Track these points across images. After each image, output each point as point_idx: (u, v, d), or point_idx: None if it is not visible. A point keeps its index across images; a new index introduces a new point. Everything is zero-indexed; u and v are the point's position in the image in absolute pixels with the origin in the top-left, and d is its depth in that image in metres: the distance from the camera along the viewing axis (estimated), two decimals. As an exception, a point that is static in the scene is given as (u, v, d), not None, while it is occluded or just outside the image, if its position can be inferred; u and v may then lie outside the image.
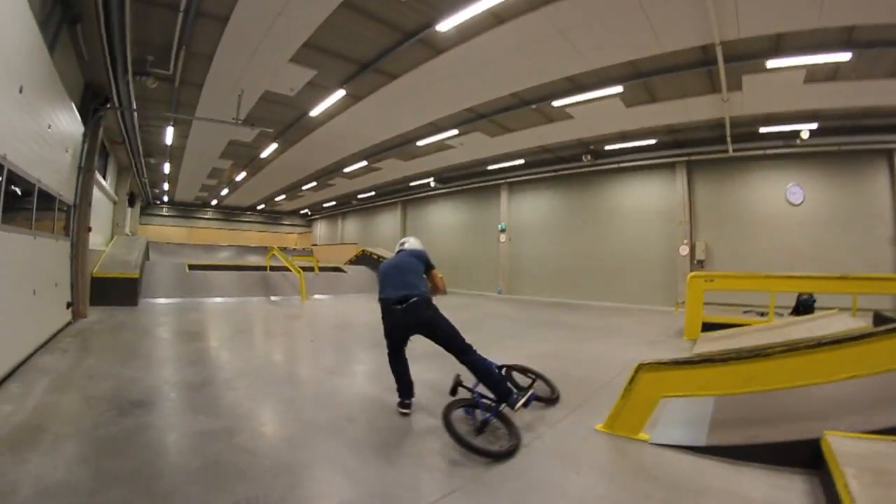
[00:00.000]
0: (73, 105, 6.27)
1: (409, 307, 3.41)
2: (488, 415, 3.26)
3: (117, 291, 8.43)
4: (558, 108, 9.61)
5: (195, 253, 21.01)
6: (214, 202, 27.65)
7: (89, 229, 7.11)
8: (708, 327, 6.86)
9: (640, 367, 3.20)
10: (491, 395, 3.40)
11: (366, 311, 10.52)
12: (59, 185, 5.87)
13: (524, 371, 4.12)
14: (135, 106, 8.52)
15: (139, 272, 9.17)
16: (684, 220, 11.95)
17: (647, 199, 12.89)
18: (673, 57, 7.39)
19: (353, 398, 4.00)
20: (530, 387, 3.64)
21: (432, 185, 18.10)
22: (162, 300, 9.80)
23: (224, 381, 4.33)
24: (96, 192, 10.32)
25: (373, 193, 22.16)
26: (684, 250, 11.81)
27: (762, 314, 7.91)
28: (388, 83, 8.75)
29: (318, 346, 6.34)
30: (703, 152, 11.45)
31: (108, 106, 7.62)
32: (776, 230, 10.91)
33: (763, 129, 10.28)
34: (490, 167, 15.47)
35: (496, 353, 5.74)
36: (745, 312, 8.65)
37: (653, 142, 11.71)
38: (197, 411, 3.50)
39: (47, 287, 5.39)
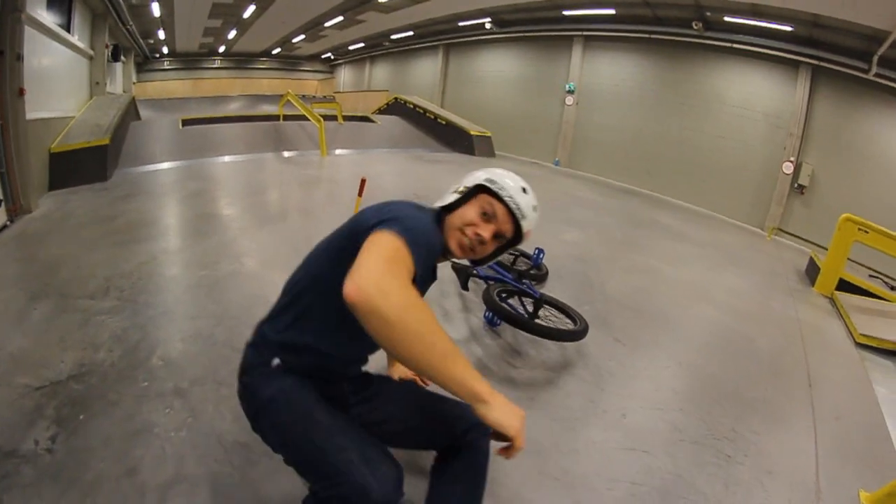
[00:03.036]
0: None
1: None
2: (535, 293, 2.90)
3: (83, 166, 7.26)
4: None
5: (200, 106, 19.96)
6: (222, 49, 25.30)
7: (21, 92, 6.06)
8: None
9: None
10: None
11: (400, 174, 9.15)
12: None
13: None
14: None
15: (110, 138, 8.36)
16: (795, 132, 9.57)
17: (758, 96, 10.22)
18: None
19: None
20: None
21: (488, 26, 14.95)
22: (145, 168, 9.11)
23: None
24: (61, 48, 9.01)
25: (411, 34, 18.78)
26: (788, 168, 9.75)
27: (892, 287, 6.31)
28: None
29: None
30: (839, 62, 8.79)
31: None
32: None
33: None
34: (567, 13, 12.36)
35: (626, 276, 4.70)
36: (872, 277, 6.68)
37: (787, 29, 9.01)
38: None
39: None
